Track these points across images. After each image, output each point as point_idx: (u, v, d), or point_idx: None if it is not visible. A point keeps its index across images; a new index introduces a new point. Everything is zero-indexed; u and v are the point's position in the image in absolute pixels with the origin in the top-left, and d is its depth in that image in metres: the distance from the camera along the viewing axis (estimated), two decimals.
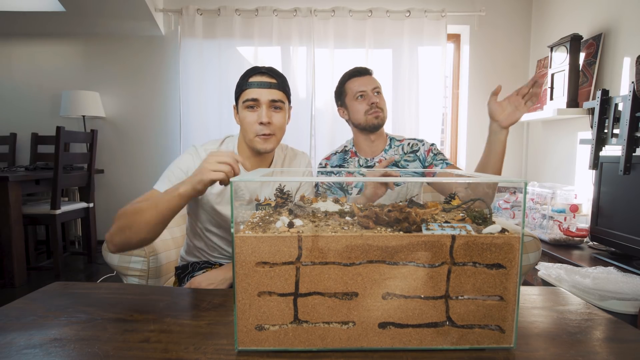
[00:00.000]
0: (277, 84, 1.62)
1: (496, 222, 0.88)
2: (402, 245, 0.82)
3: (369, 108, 2.03)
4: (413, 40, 4.33)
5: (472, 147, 4.53)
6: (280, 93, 1.63)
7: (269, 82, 1.61)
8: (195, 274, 1.72)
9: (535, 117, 3.85)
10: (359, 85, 2.06)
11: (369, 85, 2.05)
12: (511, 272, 0.83)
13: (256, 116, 1.60)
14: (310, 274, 0.82)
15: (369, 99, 2.04)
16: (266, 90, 1.60)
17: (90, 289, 1.22)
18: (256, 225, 0.89)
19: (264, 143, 1.63)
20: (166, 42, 4.55)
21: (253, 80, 1.61)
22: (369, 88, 2.05)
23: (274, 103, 1.61)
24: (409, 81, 4.33)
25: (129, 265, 1.75)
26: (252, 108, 1.61)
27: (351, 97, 2.08)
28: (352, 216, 0.96)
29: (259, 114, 1.60)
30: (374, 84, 2.07)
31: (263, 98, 1.59)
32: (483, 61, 4.48)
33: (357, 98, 2.06)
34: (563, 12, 3.93)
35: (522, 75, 4.46)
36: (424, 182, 2.28)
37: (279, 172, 1.80)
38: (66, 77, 4.62)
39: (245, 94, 1.61)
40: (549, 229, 3.26)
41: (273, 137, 1.64)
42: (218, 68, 4.35)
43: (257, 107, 1.61)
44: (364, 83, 2.06)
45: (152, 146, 4.66)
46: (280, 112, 1.64)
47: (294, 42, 4.34)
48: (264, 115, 1.59)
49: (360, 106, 2.05)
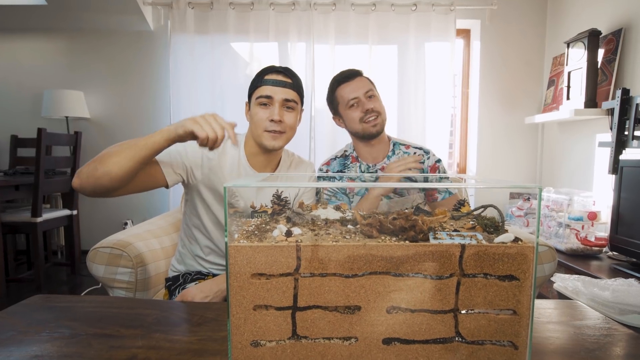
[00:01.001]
0: (292, 84, 1.71)
1: (509, 231, 0.88)
2: (408, 256, 0.82)
3: (363, 115, 2.01)
4: (420, 36, 4.34)
5: (483, 150, 4.54)
6: (294, 93, 1.72)
7: (284, 81, 1.70)
8: (187, 285, 1.73)
9: (550, 118, 3.85)
10: (350, 91, 2.03)
11: (361, 90, 2.03)
12: (525, 284, 0.83)
13: (268, 113, 1.68)
14: (309, 286, 0.83)
15: (363, 105, 2.01)
16: (280, 89, 1.69)
17: (73, 302, 1.22)
18: (251, 234, 0.89)
19: (273, 140, 1.70)
20: (155, 38, 4.56)
21: (269, 77, 1.70)
22: (360, 93, 2.02)
23: (287, 102, 1.70)
24: (415, 79, 4.34)
25: (116, 277, 1.75)
26: (264, 105, 1.69)
27: (344, 105, 2.06)
28: (354, 224, 0.96)
29: (271, 111, 1.68)
30: (365, 86, 2.04)
31: (277, 96, 1.68)
32: (495, 58, 4.49)
33: (350, 106, 2.04)
34: (581, 5, 3.93)
35: (537, 73, 4.48)
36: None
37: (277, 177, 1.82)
38: (48, 75, 4.63)
39: (259, 91, 1.70)
40: (565, 238, 3.25)
41: (283, 135, 1.72)
42: (211, 66, 4.36)
43: (270, 104, 1.69)
44: (354, 88, 2.03)
45: None
46: (292, 112, 1.73)
47: (292, 37, 4.35)
48: (276, 113, 1.67)
49: (354, 114, 2.03)
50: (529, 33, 4.48)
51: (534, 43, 4.49)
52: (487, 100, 4.51)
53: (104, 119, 4.66)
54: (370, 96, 2.03)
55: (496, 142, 4.52)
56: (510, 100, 4.49)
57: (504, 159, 4.54)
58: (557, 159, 4.25)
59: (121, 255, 1.75)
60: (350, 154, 2.19)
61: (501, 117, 4.50)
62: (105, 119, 4.66)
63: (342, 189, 2.10)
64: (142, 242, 1.89)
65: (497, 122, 4.51)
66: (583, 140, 3.83)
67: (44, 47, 4.64)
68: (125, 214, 4.71)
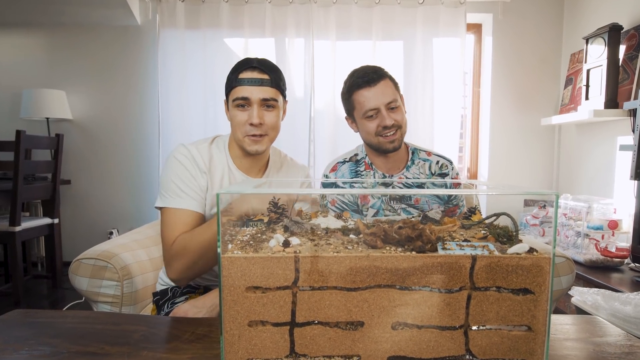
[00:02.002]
0: (269, 81, 1.66)
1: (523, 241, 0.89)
2: (415, 267, 0.82)
3: (381, 129, 1.89)
4: (427, 31, 4.35)
5: (495, 154, 4.55)
6: (273, 90, 1.68)
7: (261, 79, 1.65)
8: (176, 300, 1.72)
9: (568, 120, 3.86)
10: (370, 100, 1.88)
11: (383, 99, 1.87)
12: (540, 298, 0.83)
13: (247, 115, 1.66)
14: (308, 301, 0.83)
15: (382, 119, 1.88)
16: (257, 88, 1.64)
17: (55, 318, 1.22)
18: (246, 244, 0.89)
19: (254, 144, 1.68)
20: (143, 33, 4.56)
21: (243, 76, 1.65)
22: (382, 104, 1.87)
23: (265, 102, 1.66)
24: (423, 78, 4.35)
25: (100, 291, 1.75)
26: (242, 107, 1.66)
27: (360, 113, 1.93)
28: (357, 234, 0.96)
29: (250, 114, 1.65)
30: (389, 95, 1.89)
31: (254, 96, 1.64)
32: (508, 55, 4.49)
33: (367, 117, 1.91)
34: None
35: (554, 72, 4.48)
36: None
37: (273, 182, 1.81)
38: (27, 73, 4.63)
39: (235, 92, 1.66)
40: (584, 248, 3.25)
41: (265, 137, 1.69)
42: (202, 63, 4.37)
43: (248, 105, 1.66)
44: (376, 97, 1.88)
45: (127, 152, 4.66)
46: (273, 111, 1.69)
47: (290, 33, 4.36)
48: (255, 116, 1.64)
49: (370, 126, 1.91)
50: (544, 28, 4.49)
51: (550, 38, 4.50)
52: (500, 100, 4.52)
53: (88, 120, 4.66)
54: (392, 108, 1.90)
55: (509, 145, 4.53)
56: (524, 100, 4.49)
57: (518, 163, 4.54)
58: (575, 163, 4.25)
59: (106, 267, 1.75)
60: (362, 158, 2.08)
61: (515, 119, 4.50)
62: (88, 121, 4.66)
63: (353, 204, 2.01)
64: (128, 253, 1.89)
65: (510, 124, 4.51)
66: (603, 143, 3.84)
67: (23, 43, 4.65)
68: (110, 223, 4.71)
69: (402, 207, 1.99)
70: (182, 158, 1.67)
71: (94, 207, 4.71)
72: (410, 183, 1.85)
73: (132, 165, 4.66)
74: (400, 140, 1.94)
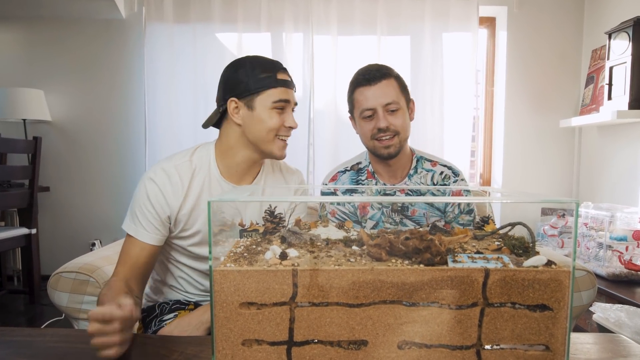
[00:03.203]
0: (294, 85, 1.76)
1: (540, 253, 0.89)
2: (423, 282, 0.83)
3: (376, 132, 1.89)
4: (436, 25, 4.35)
5: (510, 159, 4.55)
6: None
7: (293, 82, 1.74)
8: (164, 317, 1.72)
9: (588, 122, 3.86)
10: (367, 99, 1.89)
11: (380, 100, 1.87)
12: (559, 315, 0.83)
13: (282, 119, 1.69)
14: (307, 318, 0.83)
15: (377, 120, 1.88)
16: (291, 91, 1.72)
17: (33, 336, 1.22)
18: (240, 257, 0.89)
19: (283, 149, 1.74)
20: (128, 28, 4.57)
21: (282, 77, 1.69)
22: (379, 104, 1.87)
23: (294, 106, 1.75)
24: (432, 76, 4.35)
25: (82, 307, 1.74)
26: (281, 109, 1.69)
27: (358, 112, 1.95)
28: (360, 245, 0.96)
29: (287, 117, 1.70)
30: (388, 96, 1.88)
31: (292, 100, 1.72)
32: (524, 51, 4.50)
33: (364, 117, 1.92)
34: None
35: (573, 69, 4.49)
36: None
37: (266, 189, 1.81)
38: (2, 71, 4.63)
39: (276, 93, 1.67)
40: (606, 261, 3.25)
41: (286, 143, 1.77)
42: (192, 60, 4.37)
43: (285, 109, 1.70)
44: (374, 96, 1.88)
45: (110, 157, 4.66)
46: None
47: (288, 27, 4.36)
48: (293, 119, 1.71)
49: (366, 127, 1.92)
50: (563, 21, 4.49)
51: (570, 33, 4.50)
52: (515, 100, 4.52)
53: (68, 121, 4.66)
54: (392, 110, 1.88)
55: (525, 149, 4.53)
56: (542, 100, 4.50)
57: (534, 168, 4.54)
58: (596, 168, 4.25)
59: (88, 282, 1.75)
60: (365, 167, 2.07)
61: (531, 120, 4.51)
62: (69, 122, 4.66)
63: (353, 215, 2.01)
64: (112, 266, 1.87)
65: (526, 126, 4.52)
66: (627, 146, 3.84)
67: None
68: (92, 233, 4.70)
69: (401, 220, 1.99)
70: (151, 188, 1.66)
71: (75, 216, 4.70)
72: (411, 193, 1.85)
73: (117, 170, 4.66)
74: (397, 147, 1.91)
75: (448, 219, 2.02)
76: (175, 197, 1.66)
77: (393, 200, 2.11)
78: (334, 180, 2.08)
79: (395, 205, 1.98)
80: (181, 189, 1.67)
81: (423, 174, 2.03)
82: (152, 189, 1.66)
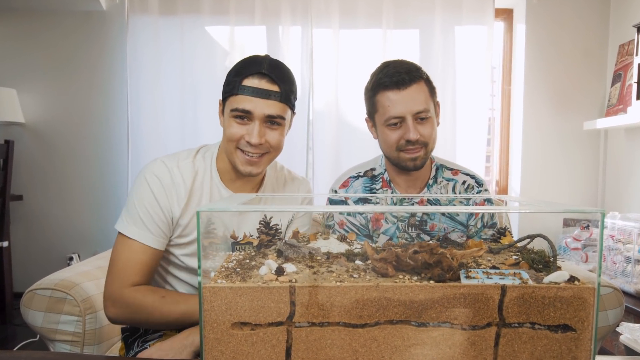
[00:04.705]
0: (278, 94, 1.62)
1: (562, 268, 0.89)
2: (434, 300, 0.83)
3: (404, 143, 1.84)
4: (448, 18, 4.36)
5: (529, 164, 4.54)
6: (281, 106, 1.64)
7: (269, 91, 1.60)
8: (148, 338, 1.72)
9: (615, 123, 3.86)
10: (394, 106, 1.82)
11: (412, 107, 1.81)
12: (583, 336, 0.83)
13: (244, 130, 1.62)
14: (306, 339, 0.83)
15: (407, 131, 1.82)
16: (263, 102, 1.60)
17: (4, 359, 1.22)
18: (232, 272, 0.89)
19: (248, 165, 1.66)
20: (109, 20, 4.56)
21: (248, 84, 1.60)
22: (409, 112, 1.81)
23: (270, 118, 1.63)
24: (443, 74, 4.35)
25: (58, 327, 1.74)
26: (241, 119, 1.62)
27: (382, 119, 1.88)
28: (364, 259, 0.96)
29: (249, 130, 1.62)
30: (420, 104, 1.82)
31: (257, 111, 1.60)
32: (544, 46, 4.49)
33: (389, 124, 1.86)
34: None
35: (598, 66, 4.49)
36: None
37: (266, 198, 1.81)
38: None
39: (235, 101, 1.62)
40: (635, 277, 3.25)
41: (264, 157, 1.67)
42: (180, 55, 4.37)
43: (248, 120, 1.62)
44: (404, 103, 1.81)
45: (89, 163, 4.65)
46: (277, 129, 1.67)
47: (285, 20, 4.37)
48: (255, 135, 1.60)
49: (392, 136, 1.86)
50: (588, 13, 4.49)
51: (595, 26, 4.49)
52: (535, 100, 4.51)
53: (43, 123, 4.65)
54: (422, 118, 1.84)
55: (546, 154, 4.53)
56: (563, 100, 4.49)
57: (556, 175, 4.54)
58: (624, 175, 4.25)
59: (65, 300, 1.75)
60: (380, 174, 2.04)
61: (552, 122, 4.50)
62: (44, 124, 4.65)
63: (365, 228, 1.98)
64: (91, 283, 1.88)
65: (547, 128, 4.51)
66: None
67: None
68: (69, 247, 4.69)
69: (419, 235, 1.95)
70: (154, 182, 1.65)
71: (51, 227, 4.69)
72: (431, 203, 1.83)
73: (96, 177, 4.65)
74: (424, 159, 1.88)
75: (470, 234, 1.98)
76: (178, 197, 1.66)
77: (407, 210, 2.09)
78: (345, 186, 2.03)
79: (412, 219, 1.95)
80: (184, 190, 1.67)
81: (443, 183, 2.01)
82: (156, 185, 1.65)
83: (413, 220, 1.97)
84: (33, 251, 4.69)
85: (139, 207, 1.62)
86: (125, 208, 1.66)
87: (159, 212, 1.62)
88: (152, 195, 1.63)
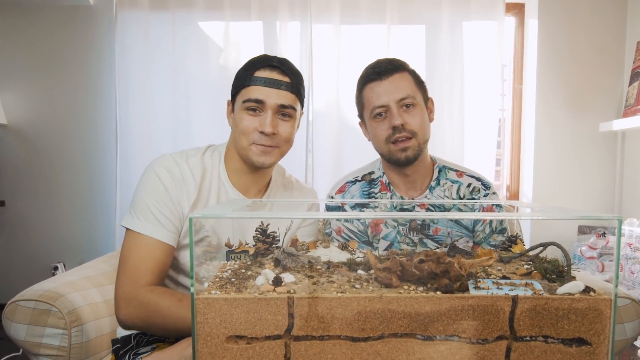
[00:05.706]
0: (290, 85, 1.71)
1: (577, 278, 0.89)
2: (440, 311, 0.83)
3: (391, 133, 1.88)
4: (456, 13, 4.36)
5: (541, 167, 4.54)
6: (292, 97, 1.73)
7: (281, 81, 1.70)
8: (140, 350, 1.72)
9: (634, 124, 3.86)
10: (378, 96, 1.88)
11: (394, 95, 1.86)
12: (599, 350, 0.83)
13: (257, 122, 1.70)
14: (306, 354, 0.83)
15: (391, 118, 1.86)
16: (275, 91, 1.69)
17: None
18: (227, 282, 0.89)
19: (262, 155, 1.72)
20: (96, 15, 4.55)
21: (260, 75, 1.69)
22: (392, 99, 1.86)
23: (283, 109, 1.72)
24: (450, 72, 4.36)
25: (42, 341, 1.74)
26: (253, 111, 1.70)
27: (368, 113, 1.94)
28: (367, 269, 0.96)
29: (262, 120, 1.70)
30: (402, 90, 1.88)
31: (270, 101, 1.69)
32: (558, 43, 4.49)
33: (375, 116, 1.91)
34: None
35: (615, 64, 4.49)
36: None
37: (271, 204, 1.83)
38: None
39: (248, 92, 1.70)
40: None
41: (276, 150, 1.74)
42: (171, 53, 4.36)
43: (260, 110, 1.70)
44: (385, 91, 1.87)
45: (76, 167, 4.63)
46: (289, 121, 1.75)
47: (283, 15, 4.36)
48: (268, 123, 1.68)
49: (379, 129, 1.91)
50: (604, 8, 4.49)
51: (611, 22, 4.50)
52: (548, 100, 4.51)
53: (26, 125, 4.63)
54: (406, 105, 1.88)
55: (559, 157, 4.52)
56: (578, 100, 4.49)
57: (570, 179, 4.53)
58: None
59: (49, 311, 1.75)
60: (379, 177, 2.07)
61: (566, 123, 4.50)
62: (27, 126, 4.63)
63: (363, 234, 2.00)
64: (78, 293, 1.88)
65: (560, 130, 4.51)
66: None
67: None
68: (54, 255, 4.66)
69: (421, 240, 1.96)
70: (164, 175, 1.69)
71: (35, 234, 4.67)
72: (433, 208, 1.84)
73: (83, 182, 4.63)
74: (415, 151, 1.89)
75: (477, 240, 1.99)
76: (188, 193, 1.71)
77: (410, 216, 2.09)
78: (341, 192, 2.06)
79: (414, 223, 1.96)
80: (193, 186, 1.72)
81: (447, 185, 2.02)
82: (166, 178, 1.69)
83: (415, 224, 1.98)
84: (15, 260, 4.67)
85: (149, 201, 1.66)
86: (132, 205, 1.69)
87: (171, 205, 1.66)
88: (164, 188, 1.67)
